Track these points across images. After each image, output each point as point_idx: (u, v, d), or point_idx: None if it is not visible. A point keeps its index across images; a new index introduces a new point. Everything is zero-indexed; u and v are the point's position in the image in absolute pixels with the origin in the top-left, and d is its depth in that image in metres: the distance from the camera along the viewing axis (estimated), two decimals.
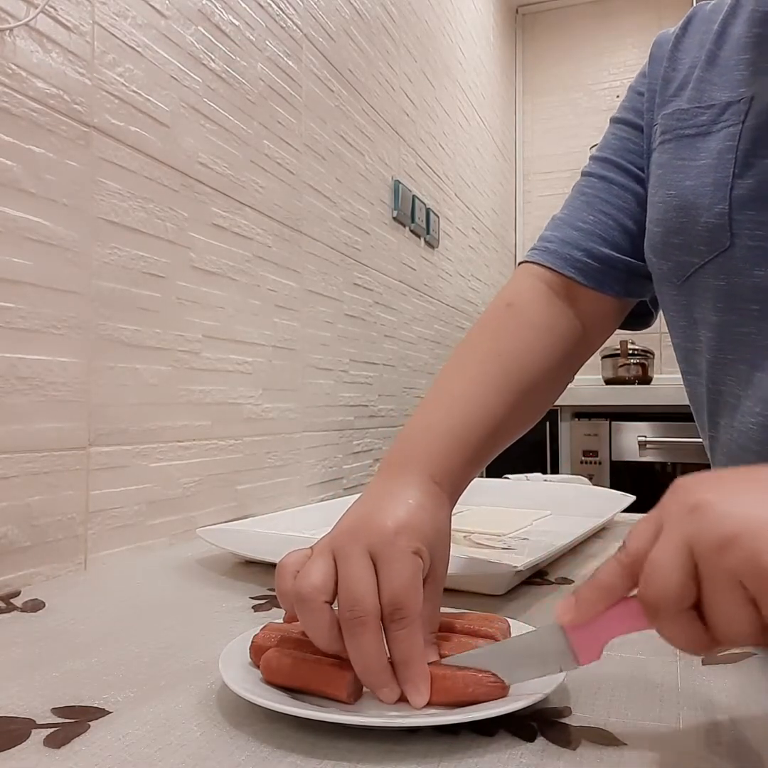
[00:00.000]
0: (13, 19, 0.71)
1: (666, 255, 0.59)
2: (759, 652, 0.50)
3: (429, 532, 0.46)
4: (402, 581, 0.41)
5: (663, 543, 0.33)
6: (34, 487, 0.74)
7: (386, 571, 0.41)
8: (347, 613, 0.40)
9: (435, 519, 0.47)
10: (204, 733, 0.39)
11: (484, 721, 0.38)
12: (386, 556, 0.42)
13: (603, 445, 2.31)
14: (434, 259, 1.96)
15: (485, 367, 0.59)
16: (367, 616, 0.40)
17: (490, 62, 2.56)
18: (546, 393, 0.64)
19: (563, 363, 0.64)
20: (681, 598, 0.32)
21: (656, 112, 0.62)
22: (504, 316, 0.64)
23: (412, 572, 0.42)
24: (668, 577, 0.32)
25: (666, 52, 0.63)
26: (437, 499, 0.50)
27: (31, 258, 0.73)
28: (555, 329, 0.63)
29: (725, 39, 0.58)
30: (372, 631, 0.40)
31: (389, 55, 1.64)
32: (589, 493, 1.23)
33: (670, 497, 0.34)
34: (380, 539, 0.43)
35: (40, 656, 0.50)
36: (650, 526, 0.34)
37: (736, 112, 0.54)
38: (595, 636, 0.36)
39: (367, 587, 0.41)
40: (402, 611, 0.40)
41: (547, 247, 0.67)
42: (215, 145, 1.02)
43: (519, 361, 0.60)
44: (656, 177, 0.60)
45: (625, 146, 0.66)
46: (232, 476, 1.06)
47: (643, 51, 2.69)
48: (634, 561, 0.34)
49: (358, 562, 0.42)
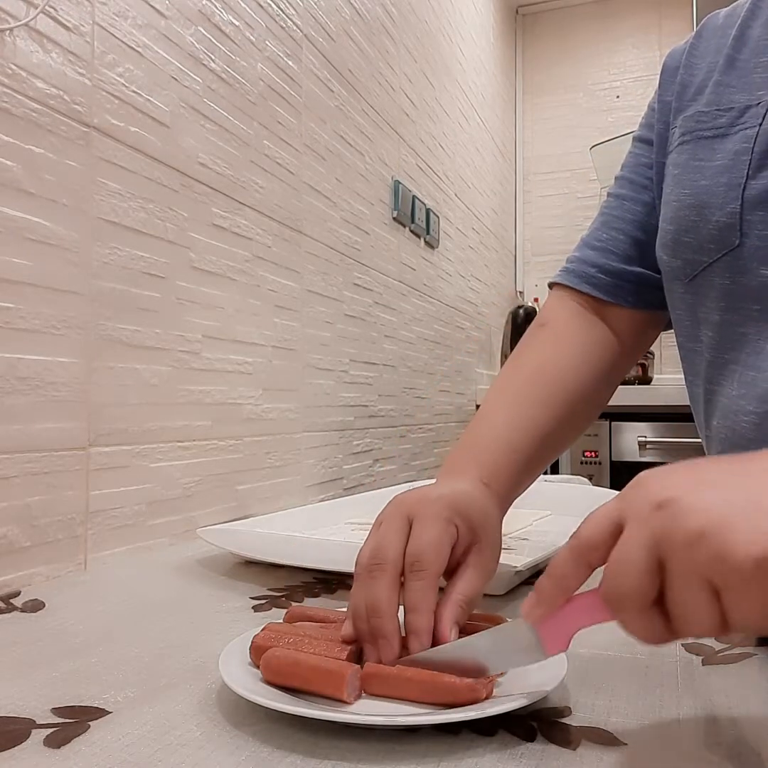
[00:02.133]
0: (13, 19, 0.71)
1: (676, 253, 0.60)
2: (759, 652, 0.51)
3: (471, 512, 0.48)
4: (426, 538, 0.45)
5: (628, 541, 0.32)
6: (34, 487, 0.74)
7: (415, 529, 0.45)
8: (369, 561, 0.44)
9: (482, 505, 0.50)
10: (204, 733, 0.39)
11: (484, 721, 0.38)
12: (420, 516, 0.46)
13: (603, 445, 2.31)
14: (434, 260, 1.96)
15: (529, 384, 0.63)
16: (387, 563, 0.44)
17: (490, 62, 2.56)
18: (589, 404, 0.67)
19: (603, 374, 0.67)
20: (646, 596, 0.32)
21: (673, 117, 0.64)
22: (541, 335, 0.68)
23: (439, 534, 0.45)
24: (634, 575, 0.32)
25: (681, 61, 0.65)
26: (486, 494, 0.52)
27: (31, 258, 0.73)
28: (591, 342, 0.67)
29: (744, 42, 0.59)
30: (387, 577, 0.43)
31: (389, 55, 1.64)
32: (589, 493, 1.23)
33: (634, 491, 0.34)
34: (420, 504, 0.47)
35: (40, 656, 0.50)
36: (608, 519, 0.34)
37: (754, 115, 0.55)
38: (562, 628, 0.37)
39: (393, 541, 0.45)
40: (420, 564, 0.43)
41: (568, 267, 0.71)
42: (215, 145, 1.02)
43: (561, 375, 0.63)
44: (672, 177, 0.61)
45: (639, 162, 0.69)
46: (232, 476, 1.06)
47: (643, 51, 2.70)
48: (588, 549, 0.35)
49: (395, 522, 0.46)
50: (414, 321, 1.81)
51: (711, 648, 0.52)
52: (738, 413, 0.55)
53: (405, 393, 1.74)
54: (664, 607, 0.32)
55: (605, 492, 1.22)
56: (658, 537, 0.31)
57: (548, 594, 0.37)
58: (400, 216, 1.68)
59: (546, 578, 0.37)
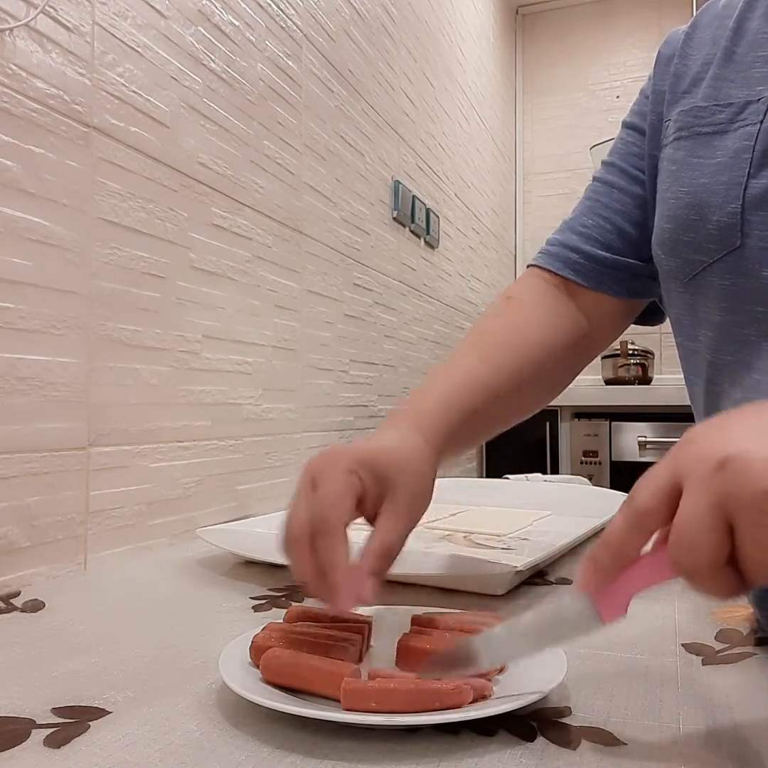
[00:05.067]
0: (13, 19, 0.71)
1: (675, 252, 0.59)
2: (759, 651, 0.51)
3: (380, 462, 0.49)
4: (324, 495, 0.46)
5: (692, 505, 0.32)
6: (34, 487, 0.74)
7: (318, 491, 0.46)
8: (285, 536, 0.46)
9: (397, 455, 0.50)
10: (204, 733, 0.39)
11: (484, 721, 0.38)
12: (321, 476, 0.47)
13: (603, 445, 2.31)
14: (434, 260, 1.96)
15: (486, 347, 0.64)
16: (297, 533, 0.45)
17: (490, 62, 2.56)
18: (541, 385, 0.68)
19: (566, 356, 0.67)
20: (718, 560, 0.32)
21: (667, 109, 0.62)
22: (504, 307, 0.68)
23: (337, 488, 0.46)
24: (705, 541, 0.31)
25: (676, 50, 0.63)
26: (410, 440, 0.53)
27: (31, 258, 0.73)
28: (554, 319, 0.67)
29: (742, 35, 0.57)
30: (299, 546, 0.45)
31: (389, 55, 1.64)
32: (589, 493, 1.23)
33: (687, 450, 0.33)
34: (322, 462, 0.48)
35: (40, 656, 0.50)
36: (664, 480, 0.33)
37: (755, 112, 0.54)
38: (618, 594, 0.36)
39: (299, 511, 0.46)
40: (322, 524, 0.44)
41: (549, 250, 0.70)
42: (215, 146, 1.02)
43: (521, 348, 0.64)
44: (669, 173, 0.60)
45: (629, 150, 0.67)
46: (232, 476, 1.06)
47: (643, 51, 2.70)
48: (647, 516, 0.34)
49: (301, 493, 0.47)
50: (414, 321, 1.81)
51: (711, 648, 0.52)
52: None
53: (405, 393, 1.74)
54: (736, 563, 0.32)
55: (605, 492, 1.22)
56: (724, 497, 0.31)
57: (606, 563, 0.36)
58: (400, 216, 1.68)
59: (603, 547, 0.36)
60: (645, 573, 0.35)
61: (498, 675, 0.43)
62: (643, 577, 0.35)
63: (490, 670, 0.41)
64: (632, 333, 2.42)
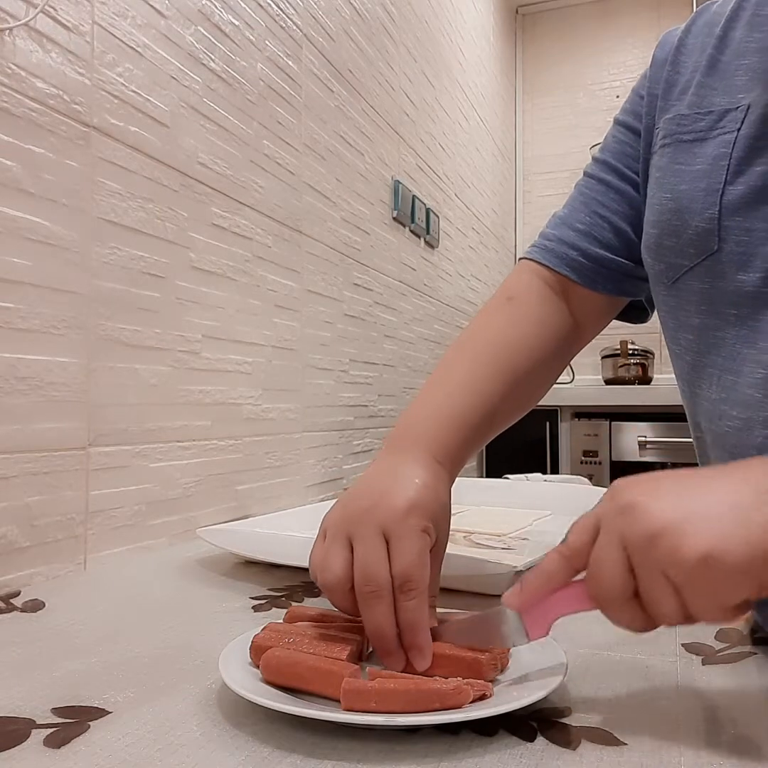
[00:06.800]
0: (13, 19, 0.71)
1: (659, 256, 0.60)
2: (758, 651, 0.51)
3: (435, 509, 0.50)
4: (412, 557, 0.46)
5: (602, 542, 0.37)
6: (34, 487, 0.74)
7: (398, 548, 0.46)
8: (364, 588, 0.45)
9: (438, 495, 0.52)
10: (204, 733, 0.39)
11: (484, 721, 0.38)
12: (398, 533, 0.47)
13: (603, 445, 2.31)
14: (434, 260, 1.96)
15: (483, 356, 0.64)
16: (381, 590, 0.45)
17: (490, 62, 2.56)
18: (538, 382, 0.69)
19: (556, 355, 0.69)
20: (624, 590, 0.36)
21: (658, 116, 0.63)
22: (504, 309, 0.69)
23: (421, 548, 0.47)
24: (611, 572, 0.36)
25: (669, 55, 0.63)
26: (440, 476, 0.54)
27: (30, 258, 0.73)
28: (550, 324, 0.68)
29: (726, 43, 0.58)
30: (385, 602, 0.45)
31: (389, 55, 1.64)
32: (589, 493, 1.23)
33: (606, 499, 0.38)
34: (393, 518, 0.47)
35: (40, 656, 0.50)
36: (589, 523, 0.39)
37: (733, 120, 0.55)
38: (544, 615, 0.41)
39: (379, 564, 0.45)
40: (411, 583, 0.45)
41: (546, 245, 0.70)
42: (215, 145, 1.02)
43: (514, 352, 0.65)
44: (654, 180, 0.61)
45: (623, 150, 0.67)
46: (232, 476, 1.06)
47: (643, 51, 2.70)
48: (574, 553, 0.39)
49: (372, 542, 0.46)
50: (414, 321, 1.81)
51: (711, 648, 0.52)
52: (722, 417, 0.55)
53: (405, 393, 1.74)
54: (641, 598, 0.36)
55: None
56: (624, 536, 0.36)
57: (533, 586, 0.41)
58: (400, 216, 1.68)
59: (534, 574, 0.41)
60: (569, 600, 0.40)
61: (498, 675, 0.43)
62: (566, 603, 0.40)
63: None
64: (632, 333, 2.43)
